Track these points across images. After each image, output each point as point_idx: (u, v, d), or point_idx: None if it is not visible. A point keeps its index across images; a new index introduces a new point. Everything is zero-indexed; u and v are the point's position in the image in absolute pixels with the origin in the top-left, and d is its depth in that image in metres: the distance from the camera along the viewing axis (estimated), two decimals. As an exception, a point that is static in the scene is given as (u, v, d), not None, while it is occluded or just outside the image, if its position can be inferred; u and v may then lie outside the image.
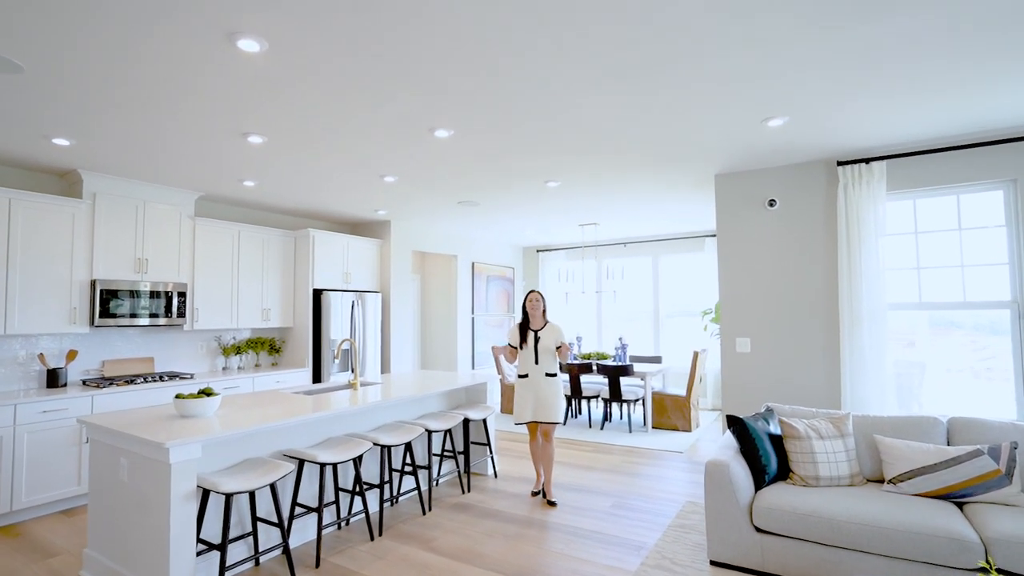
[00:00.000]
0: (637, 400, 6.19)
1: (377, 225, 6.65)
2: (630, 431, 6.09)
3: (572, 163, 4.12)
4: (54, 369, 4.10)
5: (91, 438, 2.87)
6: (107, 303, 4.24)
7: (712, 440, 5.71)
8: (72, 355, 4.21)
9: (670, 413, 6.16)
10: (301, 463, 3.14)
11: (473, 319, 7.88)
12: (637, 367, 6.31)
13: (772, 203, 4.30)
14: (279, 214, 6.06)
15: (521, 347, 4.01)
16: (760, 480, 2.92)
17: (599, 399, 6.64)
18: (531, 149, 3.76)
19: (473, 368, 7.86)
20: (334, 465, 3.07)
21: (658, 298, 8.06)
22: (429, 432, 3.78)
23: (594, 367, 6.36)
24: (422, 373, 4.85)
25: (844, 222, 3.93)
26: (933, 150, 3.72)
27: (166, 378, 4.46)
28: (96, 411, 3.97)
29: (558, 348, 3.94)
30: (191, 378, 4.60)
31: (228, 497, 2.54)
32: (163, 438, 2.42)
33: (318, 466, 3.41)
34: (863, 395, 3.80)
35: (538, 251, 9.10)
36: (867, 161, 3.86)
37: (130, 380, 4.24)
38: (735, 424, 3.10)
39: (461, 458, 4.50)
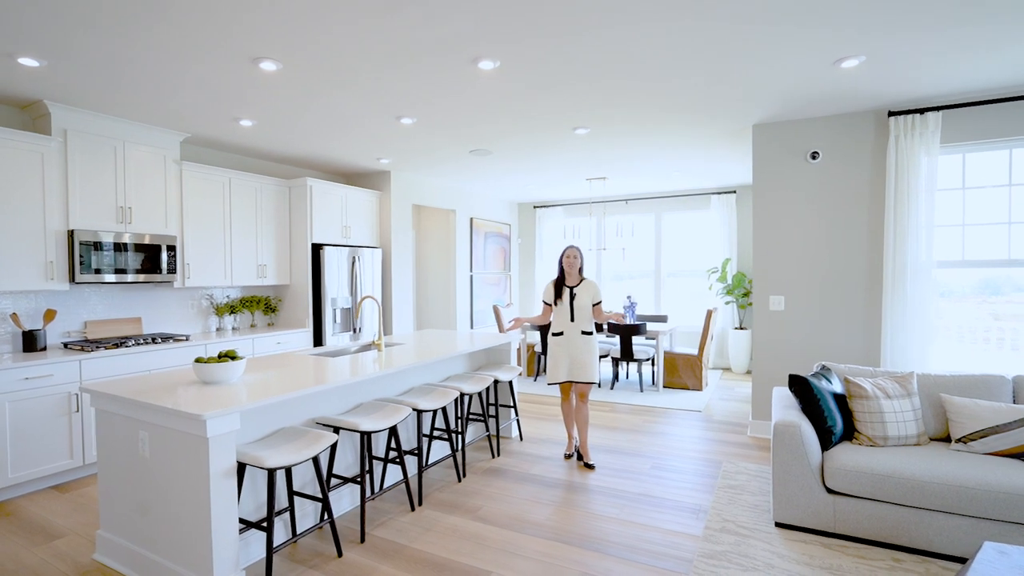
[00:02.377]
0: (648, 359, 6.10)
1: (376, 176, 6.17)
2: (641, 390, 6.02)
3: (611, 107, 3.79)
4: (31, 331, 3.63)
5: (98, 408, 2.51)
6: (87, 257, 3.75)
7: (724, 399, 5.70)
8: (50, 315, 3.74)
9: (681, 372, 6.11)
10: (335, 430, 2.86)
11: (472, 276, 7.57)
12: (649, 326, 6.20)
13: (815, 155, 4.10)
14: (269, 161, 5.51)
15: (556, 304, 3.83)
16: (826, 441, 2.82)
17: (608, 358, 6.52)
18: (576, 87, 3.41)
19: (472, 327, 7.62)
20: (369, 434, 2.81)
21: (660, 256, 7.92)
22: (461, 395, 3.55)
23: (605, 326, 6.21)
24: (440, 333, 4.57)
25: (893, 175, 3.78)
26: (989, 101, 3.56)
27: (159, 340, 4.04)
28: (85, 377, 3.55)
29: (595, 306, 3.78)
30: (186, 340, 4.19)
31: (271, 472, 2.25)
32: (200, 409, 2.09)
33: (356, 434, 3.14)
34: (905, 354, 3.75)
35: (535, 207, 8.77)
36: (922, 112, 3.68)
37: (119, 343, 3.81)
38: (798, 384, 2.98)
39: (491, 422, 4.30)
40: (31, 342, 3.63)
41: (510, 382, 4.19)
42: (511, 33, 2.63)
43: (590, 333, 3.79)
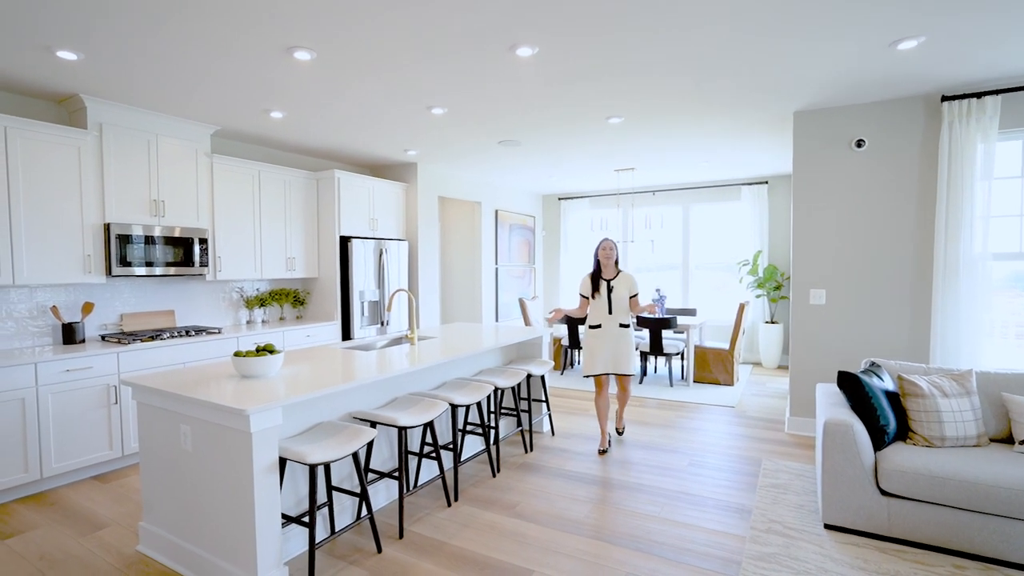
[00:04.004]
0: (677, 353, 5.99)
1: (402, 168, 6.13)
2: (671, 385, 5.91)
3: (648, 95, 3.67)
4: (70, 324, 3.67)
5: (140, 402, 2.51)
6: (123, 250, 3.77)
7: (757, 395, 5.57)
8: (88, 308, 3.78)
9: (712, 367, 5.98)
10: (372, 425, 2.83)
11: (497, 269, 7.52)
12: (679, 320, 6.08)
13: (860, 143, 3.94)
14: (297, 154, 5.51)
15: (593, 297, 3.86)
16: (879, 440, 2.70)
17: (637, 352, 6.42)
18: (616, 75, 3.31)
19: (497, 320, 7.57)
20: (407, 429, 2.78)
21: (688, 249, 7.76)
22: (496, 390, 3.49)
23: (633, 320, 6.10)
24: (470, 326, 4.52)
25: (946, 163, 3.60)
26: (1053, 83, 3.36)
27: (192, 333, 4.06)
28: (123, 370, 3.59)
29: (632, 298, 3.82)
30: (218, 333, 4.21)
31: (313, 468, 2.23)
32: (243, 404, 2.07)
33: (391, 429, 3.12)
34: (957, 350, 3.59)
35: (560, 199, 8.66)
36: (979, 96, 3.50)
37: (154, 335, 3.84)
38: (848, 381, 2.86)
39: (524, 416, 4.25)
40: (70, 334, 3.68)
41: (542, 376, 4.13)
42: (552, 19, 2.54)
43: (627, 326, 3.82)
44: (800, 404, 4.24)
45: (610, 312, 3.79)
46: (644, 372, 6.15)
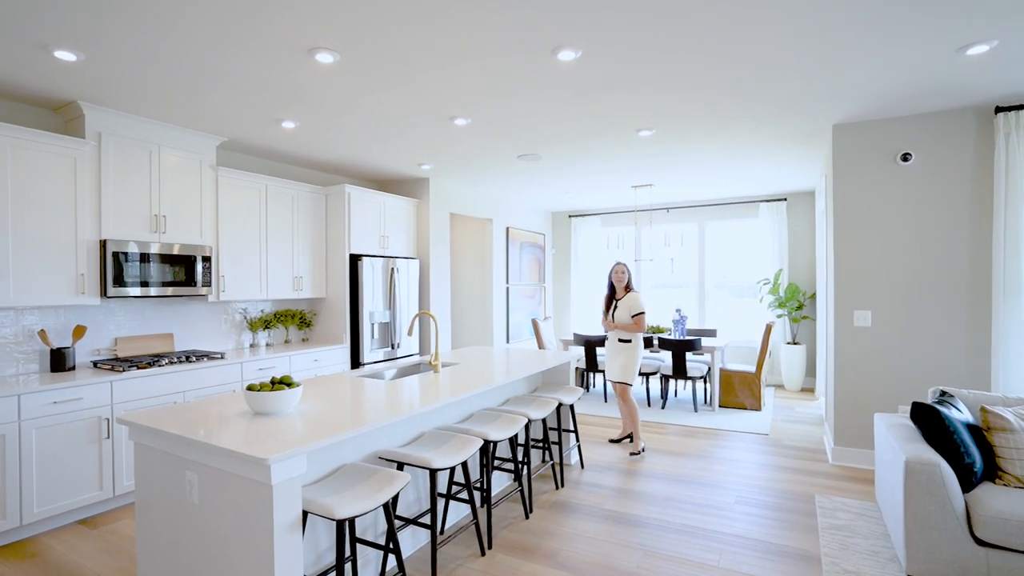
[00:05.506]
0: (701, 377, 5.71)
1: (413, 183, 5.89)
2: (695, 410, 5.62)
3: (682, 106, 3.46)
4: (59, 349, 3.36)
5: (137, 443, 2.20)
6: (120, 269, 3.48)
7: (787, 420, 5.29)
8: (80, 332, 3.46)
9: (737, 390, 5.71)
10: (399, 466, 2.53)
11: (508, 289, 7.25)
12: (704, 341, 5.81)
13: (906, 157, 3.74)
14: (304, 168, 5.26)
15: (605, 314, 4.46)
16: (966, 481, 2.43)
17: (658, 375, 6.15)
18: (654, 84, 3.09)
19: (508, 342, 7.28)
20: (438, 471, 2.47)
21: (704, 267, 7.54)
22: (529, 422, 3.20)
23: (655, 341, 5.84)
24: (491, 350, 4.23)
25: (1003, 176, 3.40)
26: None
27: (193, 359, 3.75)
28: (117, 400, 3.26)
29: (634, 317, 4.23)
30: (221, 358, 3.90)
31: (341, 523, 1.92)
32: (262, 450, 1.77)
33: (418, 469, 2.81)
34: (1022, 378, 3.35)
35: (570, 216, 8.45)
36: (1036, 106, 3.31)
37: (152, 361, 3.52)
38: (924, 413, 2.59)
39: (554, 448, 3.94)
40: (60, 361, 3.35)
41: (571, 405, 3.83)
42: (601, 17, 2.32)
43: (627, 341, 4.32)
44: (846, 433, 3.96)
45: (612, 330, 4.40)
46: (665, 396, 5.86)
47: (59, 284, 3.25)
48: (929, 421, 2.58)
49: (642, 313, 4.18)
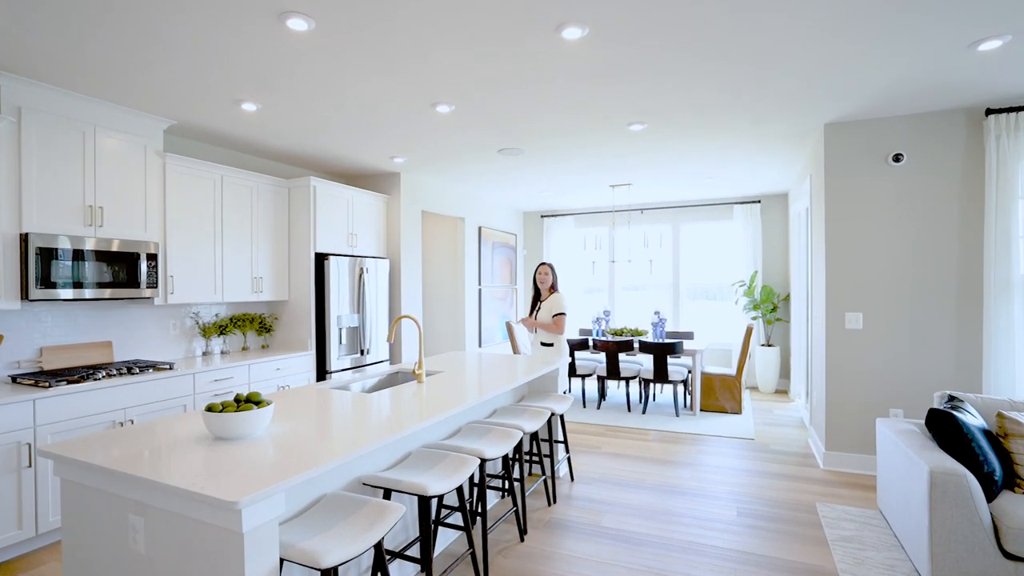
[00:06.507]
0: (682, 380, 5.60)
1: (383, 178, 5.52)
2: (677, 415, 5.50)
3: (678, 98, 3.29)
4: (-32, 362, 2.84)
5: (64, 479, 1.79)
6: (45, 268, 2.98)
7: (769, 423, 5.23)
8: (-5, 341, 2.95)
9: (718, 394, 5.63)
10: (386, 493, 2.21)
11: (480, 290, 6.96)
12: (685, 344, 5.71)
13: (898, 158, 3.70)
14: (263, 159, 4.81)
15: (531, 316, 4.48)
16: (988, 491, 2.33)
17: (638, 379, 5.99)
18: (655, 72, 2.89)
19: (480, 346, 6.98)
20: (433, 498, 2.16)
21: (679, 269, 7.48)
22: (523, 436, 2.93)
23: (635, 344, 5.69)
24: (475, 356, 3.93)
25: (994, 179, 3.39)
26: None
27: (136, 370, 3.28)
28: (41, 422, 2.78)
29: (554, 317, 4.24)
30: (170, 368, 3.44)
31: (326, 571, 1.60)
32: (230, 491, 1.43)
33: (404, 494, 2.49)
34: (1012, 379, 3.34)
35: (543, 216, 8.24)
36: (1025, 108, 3.32)
37: (86, 375, 3.04)
38: (940, 419, 2.49)
39: (546, 462, 3.68)
40: (-32, 376, 2.84)
41: (562, 415, 3.59)
42: (621, -13, 2.09)
43: (549, 345, 4.36)
44: (838, 438, 3.89)
45: (535, 331, 4.44)
46: (646, 400, 5.71)
47: (-32, 285, 2.74)
48: (945, 428, 2.48)
49: (562, 314, 4.26)
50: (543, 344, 4.36)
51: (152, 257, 3.49)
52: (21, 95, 2.93)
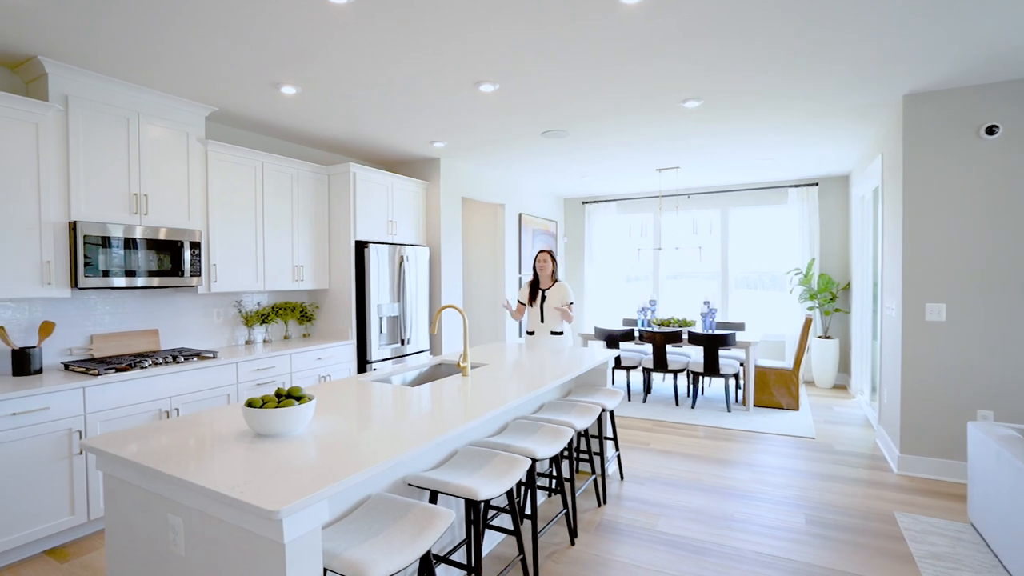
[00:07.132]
0: (734, 374, 5.30)
1: (422, 164, 5.40)
2: (728, 410, 5.22)
3: (739, 72, 3.00)
4: (23, 349, 2.87)
5: (107, 474, 1.74)
6: (94, 256, 2.99)
7: (830, 421, 4.89)
8: (47, 329, 2.98)
9: (772, 389, 5.31)
10: (432, 495, 2.09)
11: (520, 279, 6.79)
12: (738, 336, 5.40)
13: (991, 130, 3.31)
14: (303, 145, 4.75)
15: (530, 304, 4.26)
16: (1115, 511, 2.02)
17: (686, 372, 5.73)
18: (717, 39, 2.63)
19: (520, 336, 6.83)
20: (482, 503, 2.03)
21: (727, 257, 7.11)
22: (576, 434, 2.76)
23: (684, 336, 5.42)
24: (518, 347, 3.78)
25: (1112, 152, 2.97)
26: None
27: (181, 358, 3.27)
28: (91, 409, 2.79)
29: (569, 305, 4.11)
30: (213, 357, 3.43)
31: (373, 582, 1.48)
32: (270, 499, 1.31)
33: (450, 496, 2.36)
34: None
35: (584, 203, 7.98)
36: None
37: (133, 362, 3.05)
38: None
39: (595, 460, 3.52)
40: (23, 363, 2.87)
41: (612, 411, 3.40)
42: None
43: (559, 333, 4.21)
44: (914, 440, 3.56)
45: (542, 320, 4.22)
46: (695, 395, 5.45)
47: (19, 273, 2.75)
48: (1062, 437, 2.17)
49: (572, 303, 4.20)
50: (553, 333, 4.19)
51: (195, 245, 3.47)
52: (68, 83, 2.91)
